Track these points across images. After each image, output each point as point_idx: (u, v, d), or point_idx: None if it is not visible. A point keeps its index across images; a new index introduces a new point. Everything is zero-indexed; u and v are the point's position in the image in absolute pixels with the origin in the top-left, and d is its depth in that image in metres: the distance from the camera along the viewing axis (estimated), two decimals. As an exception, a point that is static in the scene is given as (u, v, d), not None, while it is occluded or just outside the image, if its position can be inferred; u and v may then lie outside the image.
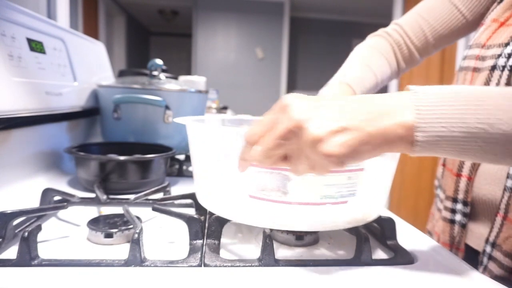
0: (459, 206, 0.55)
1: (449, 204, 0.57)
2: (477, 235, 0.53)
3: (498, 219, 0.49)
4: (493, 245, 0.49)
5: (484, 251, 0.51)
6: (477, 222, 0.54)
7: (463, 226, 0.55)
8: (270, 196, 0.41)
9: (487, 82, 0.51)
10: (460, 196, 0.55)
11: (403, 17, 0.72)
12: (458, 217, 0.55)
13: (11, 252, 0.42)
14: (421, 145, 0.33)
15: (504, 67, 0.50)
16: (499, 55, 0.51)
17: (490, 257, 0.49)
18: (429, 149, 0.34)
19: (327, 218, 0.41)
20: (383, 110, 0.33)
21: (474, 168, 0.53)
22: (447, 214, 0.57)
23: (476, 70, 0.55)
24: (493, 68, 0.51)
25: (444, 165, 0.63)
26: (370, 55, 0.69)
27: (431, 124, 0.33)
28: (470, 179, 0.53)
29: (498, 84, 0.50)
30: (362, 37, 0.75)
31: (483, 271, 0.51)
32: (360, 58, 0.69)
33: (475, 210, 0.54)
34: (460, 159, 0.38)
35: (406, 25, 0.70)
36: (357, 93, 0.64)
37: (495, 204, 0.50)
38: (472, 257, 0.54)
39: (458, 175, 0.55)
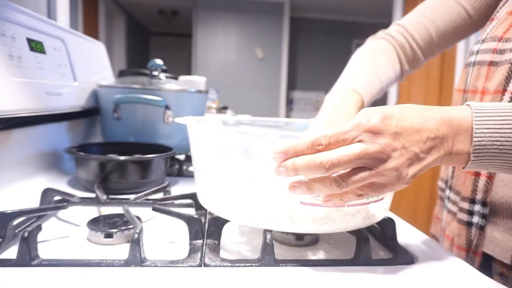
0: (477, 207, 0.53)
1: (466, 205, 0.54)
2: (492, 239, 0.51)
3: None
4: None
5: (507, 265, 0.49)
6: (493, 226, 0.52)
7: (481, 228, 0.52)
8: (319, 200, 0.41)
9: (509, 76, 0.49)
10: (479, 196, 0.52)
11: (405, 17, 0.70)
12: (475, 219, 0.53)
13: (11, 252, 0.42)
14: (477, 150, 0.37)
15: None
16: None
17: None
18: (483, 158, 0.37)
19: (329, 221, 0.41)
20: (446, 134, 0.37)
21: None
22: (464, 216, 0.55)
23: (493, 64, 0.53)
24: None
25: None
26: (374, 59, 0.67)
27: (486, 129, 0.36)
28: (490, 178, 0.51)
29: None
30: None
31: None
32: (363, 62, 0.67)
33: (491, 213, 0.52)
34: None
35: (409, 26, 0.68)
36: (364, 99, 0.61)
37: (511, 208, 0.49)
38: (486, 263, 0.52)
39: (477, 174, 0.53)
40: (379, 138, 0.35)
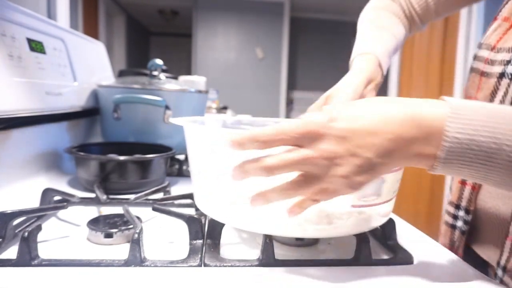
0: (461, 213, 0.54)
1: (451, 209, 0.56)
2: (481, 243, 0.52)
3: (508, 244, 0.46)
4: (504, 269, 0.47)
5: (495, 274, 0.49)
6: (481, 233, 0.53)
7: (463, 233, 0.54)
8: (369, 201, 0.41)
9: (495, 90, 0.49)
10: (463, 203, 0.54)
11: None
12: (459, 223, 0.54)
13: (11, 252, 0.42)
14: (446, 155, 0.33)
15: None
16: (508, 62, 0.48)
17: (502, 282, 0.47)
18: (451, 162, 0.33)
19: (330, 225, 0.41)
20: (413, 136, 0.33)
21: None
22: (449, 219, 0.57)
23: (484, 74, 0.53)
24: (501, 75, 0.49)
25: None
26: (385, 18, 0.67)
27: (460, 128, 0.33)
28: (474, 188, 0.52)
29: (506, 93, 0.48)
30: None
31: None
32: (377, 22, 0.67)
33: (480, 221, 0.53)
34: (482, 179, 0.35)
35: None
36: (382, 60, 0.62)
37: (498, 219, 0.49)
38: (479, 263, 0.52)
39: (463, 183, 0.54)
40: (318, 143, 0.33)
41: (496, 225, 0.50)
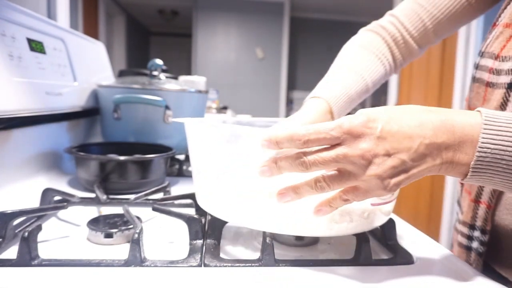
0: (476, 234, 0.51)
1: (465, 230, 0.53)
2: (500, 261, 0.50)
3: None
4: None
5: None
6: (499, 251, 0.50)
7: (480, 255, 0.51)
8: (386, 199, 0.41)
9: (505, 102, 0.47)
10: (478, 223, 0.51)
11: (399, 6, 0.66)
12: (475, 245, 0.52)
13: (11, 252, 0.42)
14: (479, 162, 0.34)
15: None
16: None
17: None
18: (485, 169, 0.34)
19: (332, 223, 0.41)
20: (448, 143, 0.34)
21: (494, 195, 0.49)
22: (463, 240, 0.54)
23: (489, 85, 0.50)
24: (510, 86, 0.47)
25: (462, 183, 0.58)
26: (359, 58, 0.64)
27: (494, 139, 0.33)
28: (490, 207, 0.49)
29: None
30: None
31: None
32: (346, 62, 0.64)
33: (497, 238, 0.50)
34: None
35: (402, 15, 0.64)
36: (334, 108, 0.60)
37: None
38: (498, 278, 0.51)
39: (477, 201, 0.51)
40: (359, 142, 0.34)
41: None
